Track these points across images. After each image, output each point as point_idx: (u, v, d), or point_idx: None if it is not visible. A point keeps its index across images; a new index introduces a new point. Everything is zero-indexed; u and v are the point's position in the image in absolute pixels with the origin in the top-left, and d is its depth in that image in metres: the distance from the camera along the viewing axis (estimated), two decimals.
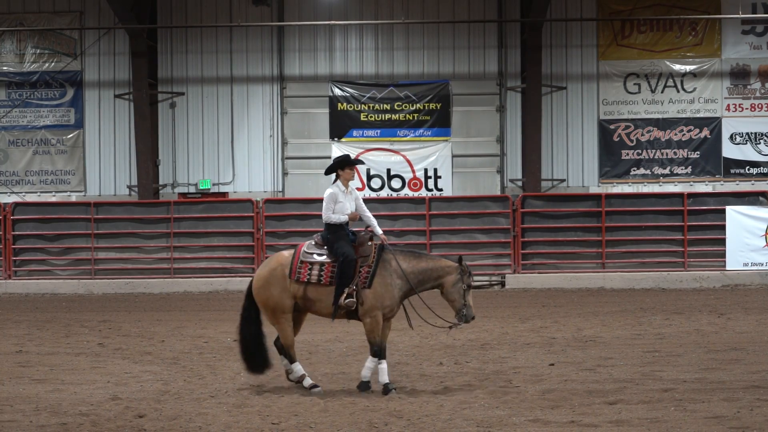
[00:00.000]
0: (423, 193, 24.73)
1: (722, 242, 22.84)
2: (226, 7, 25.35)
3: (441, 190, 24.87)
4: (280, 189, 25.29)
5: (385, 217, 23.33)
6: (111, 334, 15.03)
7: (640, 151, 25.04)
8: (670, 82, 24.98)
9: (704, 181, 24.89)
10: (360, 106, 25.22)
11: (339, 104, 25.25)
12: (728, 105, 24.91)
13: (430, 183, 25.01)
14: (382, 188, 25.02)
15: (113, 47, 25.48)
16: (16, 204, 24.10)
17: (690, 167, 24.98)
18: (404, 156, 25.10)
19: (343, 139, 25.14)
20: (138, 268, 23.75)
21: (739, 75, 24.90)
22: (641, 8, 24.90)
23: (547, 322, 15.80)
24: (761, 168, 24.87)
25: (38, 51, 25.55)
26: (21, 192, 25.46)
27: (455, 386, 10.22)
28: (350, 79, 25.30)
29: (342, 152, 24.30)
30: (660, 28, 25.04)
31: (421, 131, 25.20)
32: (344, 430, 8.32)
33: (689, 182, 24.88)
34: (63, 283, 23.38)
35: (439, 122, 25.17)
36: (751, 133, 24.83)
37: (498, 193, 24.77)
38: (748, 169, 24.86)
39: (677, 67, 24.98)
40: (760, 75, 24.87)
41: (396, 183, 25.06)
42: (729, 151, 24.88)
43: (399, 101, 25.19)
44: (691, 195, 23.43)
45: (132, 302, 20.94)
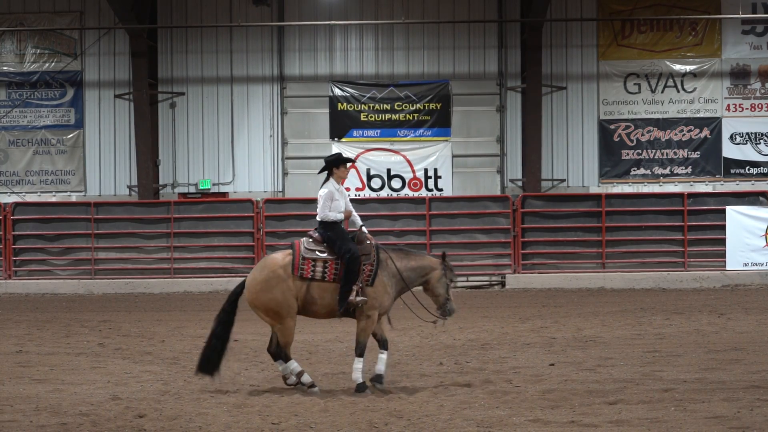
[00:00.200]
0: (423, 193, 24.73)
1: (722, 242, 22.85)
2: (226, 7, 25.35)
3: (441, 190, 24.87)
4: (280, 189, 25.29)
5: (385, 217, 23.39)
6: (111, 334, 15.02)
7: (640, 151, 25.04)
8: (670, 82, 24.98)
9: (704, 181, 24.89)
10: (360, 106, 25.21)
11: (339, 104, 25.25)
12: (728, 105, 24.91)
13: (430, 183, 25.00)
14: (382, 188, 25.02)
15: (113, 47, 25.48)
16: (16, 204, 24.10)
17: (690, 167, 24.98)
18: (404, 156, 25.10)
19: (344, 139, 25.14)
20: (138, 268, 23.76)
21: (739, 75, 24.90)
22: (641, 8, 24.91)
23: (547, 322, 15.80)
24: (761, 168, 24.87)
25: (38, 51, 25.55)
26: (21, 192, 25.46)
27: (455, 386, 10.21)
28: (350, 79, 25.30)
29: (342, 152, 24.30)
30: (660, 28, 25.04)
31: (421, 131, 25.19)
32: (344, 430, 8.31)
33: (689, 182, 24.88)
34: (63, 283, 23.39)
35: (439, 122, 25.17)
36: (751, 133, 24.83)
37: (498, 193, 24.77)
38: (748, 169, 24.86)
39: (677, 67, 24.98)
40: (760, 75, 24.87)
41: (396, 183, 25.06)
42: (729, 151, 24.88)
43: (399, 101, 25.18)
44: (691, 195, 23.44)
45: (132, 302, 20.94)
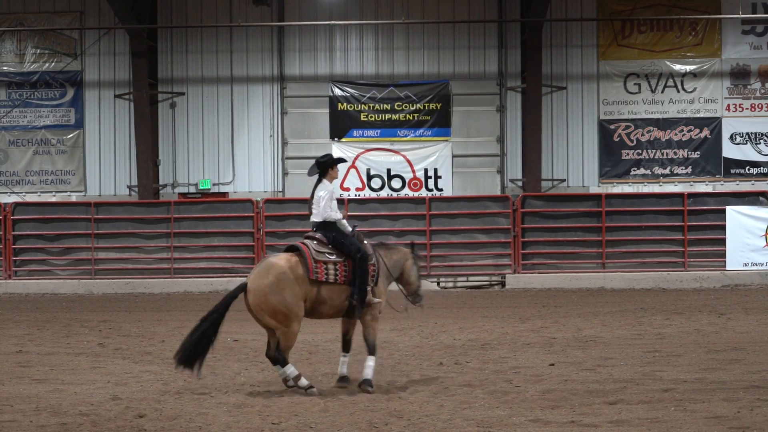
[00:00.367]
0: (423, 193, 24.73)
1: (722, 242, 22.86)
2: (226, 7, 25.35)
3: (441, 190, 24.87)
4: (280, 189, 25.29)
5: (385, 218, 23.40)
6: (111, 334, 15.02)
7: (641, 151, 25.04)
8: (670, 82, 24.98)
9: (704, 181, 24.89)
10: (360, 106, 25.21)
11: (339, 104, 25.25)
12: (728, 105, 24.91)
13: (431, 183, 25.00)
14: (383, 188, 25.01)
15: (113, 47, 25.48)
16: (17, 204, 24.10)
17: (690, 167, 24.98)
18: (404, 156, 25.09)
19: (343, 139, 25.13)
20: (138, 268, 23.76)
21: (739, 75, 24.90)
22: (641, 8, 24.91)
23: (547, 322, 15.80)
24: (761, 168, 24.87)
25: (38, 51, 25.55)
26: (21, 192, 25.46)
27: (455, 386, 10.20)
28: (350, 79, 25.30)
29: (342, 152, 24.34)
30: (660, 28, 25.04)
31: (421, 131, 25.19)
32: (344, 430, 8.31)
33: (689, 182, 24.88)
34: (63, 283, 23.39)
35: (439, 122, 25.17)
36: (751, 133, 24.83)
37: (498, 193, 24.77)
38: (748, 169, 24.86)
39: (677, 67, 24.98)
40: (760, 75, 24.87)
41: (396, 183, 25.05)
42: (729, 151, 24.88)
43: (399, 101, 25.18)
44: (692, 195, 23.44)
45: (132, 302, 20.94)
